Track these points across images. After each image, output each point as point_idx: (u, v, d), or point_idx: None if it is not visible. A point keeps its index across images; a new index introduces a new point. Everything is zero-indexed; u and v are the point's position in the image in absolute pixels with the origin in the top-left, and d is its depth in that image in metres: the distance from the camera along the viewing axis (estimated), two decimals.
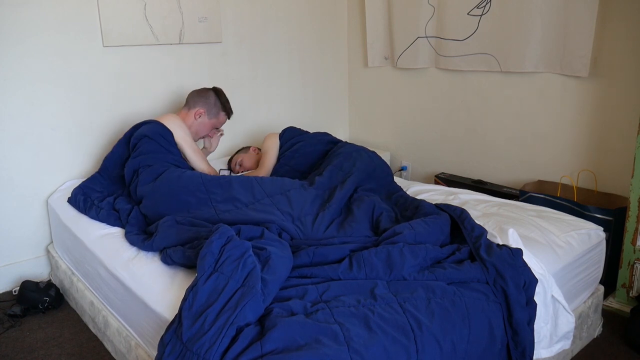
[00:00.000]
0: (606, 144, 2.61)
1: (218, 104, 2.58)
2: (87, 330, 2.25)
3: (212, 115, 2.57)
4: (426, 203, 2.10)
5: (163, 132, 2.38)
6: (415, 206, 2.11)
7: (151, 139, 2.34)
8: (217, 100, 2.58)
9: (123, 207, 2.20)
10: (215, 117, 2.59)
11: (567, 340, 1.79)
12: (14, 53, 2.42)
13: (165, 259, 1.80)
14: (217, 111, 2.58)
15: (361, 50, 3.69)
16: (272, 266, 1.53)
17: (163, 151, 2.35)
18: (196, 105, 2.55)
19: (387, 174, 2.48)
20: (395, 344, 1.34)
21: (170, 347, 1.34)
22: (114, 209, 2.23)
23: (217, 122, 2.62)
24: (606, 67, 2.53)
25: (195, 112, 2.53)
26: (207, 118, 2.56)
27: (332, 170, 2.35)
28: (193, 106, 2.55)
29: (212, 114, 2.57)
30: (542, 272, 1.70)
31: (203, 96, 2.57)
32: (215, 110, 2.58)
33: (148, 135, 2.35)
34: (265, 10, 3.28)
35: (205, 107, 2.55)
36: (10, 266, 2.59)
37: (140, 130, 2.38)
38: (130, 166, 2.31)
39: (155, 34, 2.81)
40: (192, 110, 2.54)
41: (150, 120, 2.45)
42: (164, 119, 2.45)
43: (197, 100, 2.56)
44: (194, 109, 2.55)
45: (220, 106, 2.59)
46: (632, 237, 2.24)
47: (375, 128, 3.77)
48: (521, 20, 2.71)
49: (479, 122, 3.13)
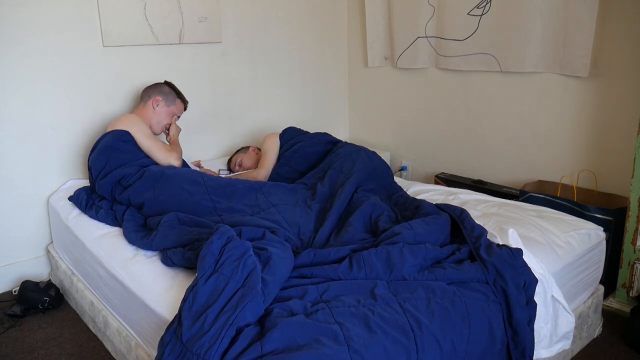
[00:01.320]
0: (606, 144, 2.61)
1: (173, 93, 2.60)
2: (87, 330, 2.25)
3: (169, 102, 2.58)
4: (426, 203, 2.10)
5: (120, 136, 2.36)
6: (416, 206, 2.10)
7: (115, 150, 2.31)
8: (171, 90, 2.60)
9: (118, 208, 2.21)
10: (173, 103, 2.60)
11: (567, 340, 1.79)
12: (14, 53, 2.42)
13: (165, 260, 1.80)
14: (173, 98, 2.59)
15: (361, 50, 3.69)
16: (272, 266, 1.53)
17: (132, 152, 2.34)
18: (151, 96, 2.55)
19: (387, 175, 2.48)
20: (395, 344, 1.34)
21: (170, 348, 1.34)
22: (111, 209, 2.23)
23: (175, 109, 2.62)
24: (606, 67, 2.53)
25: (153, 101, 2.54)
26: (164, 105, 2.56)
27: (332, 175, 2.35)
28: (148, 98, 2.55)
29: (169, 101, 2.58)
30: (542, 272, 1.70)
31: (156, 87, 2.58)
32: (171, 97, 2.59)
33: (109, 147, 2.32)
34: (265, 10, 3.28)
35: (161, 94, 2.56)
36: (10, 266, 2.59)
37: (100, 147, 2.34)
38: (107, 184, 2.27)
39: (155, 34, 2.81)
40: (148, 102, 2.54)
41: (104, 135, 2.41)
42: (114, 125, 2.42)
43: (150, 92, 2.57)
44: (149, 99, 2.55)
45: (175, 94, 2.61)
46: (632, 237, 2.24)
47: (375, 128, 3.77)
48: (521, 20, 2.71)
49: (478, 122, 3.13)
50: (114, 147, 2.32)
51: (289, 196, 2.24)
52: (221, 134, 3.25)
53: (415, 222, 1.86)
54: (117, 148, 2.32)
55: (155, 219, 2.03)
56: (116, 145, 2.33)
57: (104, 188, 2.27)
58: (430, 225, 1.85)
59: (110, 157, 2.30)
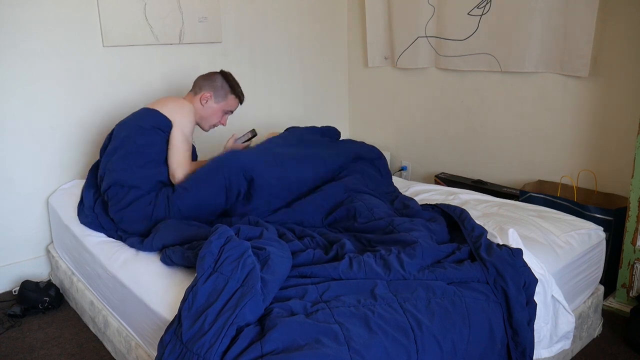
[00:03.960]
0: (606, 144, 2.61)
1: (226, 87, 2.36)
2: (87, 330, 2.25)
3: (219, 98, 2.36)
4: (416, 205, 2.13)
5: (158, 122, 2.15)
6: (405, 205, 2.13)
7: (138, 154, 2.11)
8: (225, 82, 2.37)
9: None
10: (224, 99, 2.37)
11: (567, 340, 1.79)
12: (14, 53, 2.42)
13: (165, 259, 1.80)
14: (224, 93, 2.36)
15: (361, 50, 3.69)
16: (271, 266, 1.53)
17: (155, 159, 2.15)
18: (202, 90, 2.35)
19: (372, 151, 2.51)
20: (395, 344, 1.34)
21: (170, 348, 1.34)
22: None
23: (226, 106, 2.39)
24: (606, 67, 2.53)
25: (201, 97, 2.33)
26: (214, 102, 2.35)
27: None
28: (199, 90, 2.36)
29: (220, 97, 2.36)
30: (543, 272, 1.70)
31: (208, 80, 2.37)
32: (222, 93, 2.36)
33: (133, 146, 2.12)
34: (265, 10, 3.28)
35: (212, 89, 2.34)
36: (10, 266, 2.59)
37: (124, 143, 2.14)
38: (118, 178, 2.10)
39: (155, 34, 2.81)
40: (197, 95, 2.35)
41: (140, 114, 2.21)
42: (165, 103, 2.22)
43: (202, 83, 2.36)
44: (199, 93, 2.35)
45: (229, 88, 2.37)
46: (632, 237, 2.24)
47: (375, 128, 3.77)
48: (521, 20, 2.71)
49: (479, 122, 3.13)
50: (139, 147, 2.12)
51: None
52: (221, 134, 3.24)
53: (422, 235, 1.80)
54: (141, 150, 2.13)
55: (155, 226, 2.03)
56: (143, 142, 2.13)
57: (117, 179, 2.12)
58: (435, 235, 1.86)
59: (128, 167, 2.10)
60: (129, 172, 2.10)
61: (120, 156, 2.13)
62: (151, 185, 2.12)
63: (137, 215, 2.05)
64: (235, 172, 2.03)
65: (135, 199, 2.07)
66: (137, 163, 2.12)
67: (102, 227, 2.15)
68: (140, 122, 2.19)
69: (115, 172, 2.11)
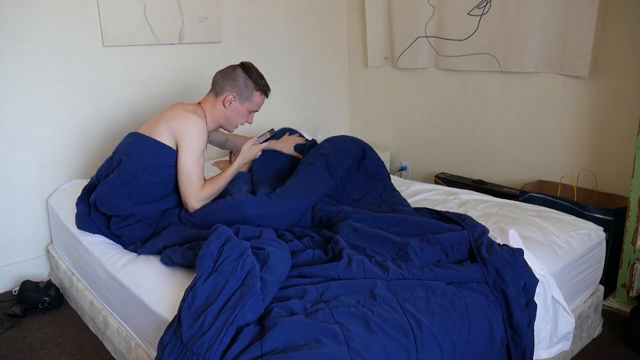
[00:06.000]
0: (606, 144, 2.61)
1: (249, 83, 2.10)
2: (87, 330, 2.25)
3: (244, 98, 2.11)
4: (406, 209, 2.13)
5: (159, 154, 1.98)
6: (393, 209, 2.13)
7: (135, 187, 1.97)
8: (248, 78, 2.10)
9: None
10: (249, 99, 2.12)
11: (567, 341, 1.79)
12: (14, 53, 2.42)
13: (164, 259, 1.80)
14: (249, 93, 2.11)
15: (361, 50, 3.69)
16: (271, 266, 1.53)
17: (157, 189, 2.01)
18: (223, 91, 2.10)
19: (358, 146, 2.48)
20: (395, 344, 1.34)
21: (170, 348, 1.34)
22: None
23: (252, 105, 2.14)
24: (606, 67, 2.53)
25: (224, 100, 2.09)
26: (239, 104, 2.11)
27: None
28: (221, 91, 2.10)
29: (244, 97, 2.11)
30: (543, 273, 1.70)
31: (229, 78, 2.10)
32: (247, 92, 2.10)
33: (132, 179, 1.97)
34: (265, 10, 3.28)
35: (235, 90, 2.09)
36: (10, 266, 2.59)
37: (130, 156, 2.00)
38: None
39: (155, 34, 2.81)
40: (219, 98, 2.11)
41: (140, 137, 2.03)
42: (172, 120, 2.00)
43: (223, 83, 2.10)
44: (221, 95, 2.10)
45: (253, 85, 2.11)
46: (632, 237, 2.24)
47: (375, 128, 3.77)
48: (521, 20, 2.71)
49: (479, 122, 3.13)
50: (144, 187, 1.98)
51: None
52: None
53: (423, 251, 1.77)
54: (146, 191, 1.99)
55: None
56: (151, 181, 1.98)
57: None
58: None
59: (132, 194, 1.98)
60: (130, 207, 1.98)
61: (124, 195, 1.98)
62: (155, 214, 2.03)
63: (137, 235, 2.01)
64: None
65: (136, 222, 2.01)
66: (141, 199, 2.00)
67: (101, 231, 2.12)
68: (145, 162, 1.99)
69: (117, 208, 1.98)
